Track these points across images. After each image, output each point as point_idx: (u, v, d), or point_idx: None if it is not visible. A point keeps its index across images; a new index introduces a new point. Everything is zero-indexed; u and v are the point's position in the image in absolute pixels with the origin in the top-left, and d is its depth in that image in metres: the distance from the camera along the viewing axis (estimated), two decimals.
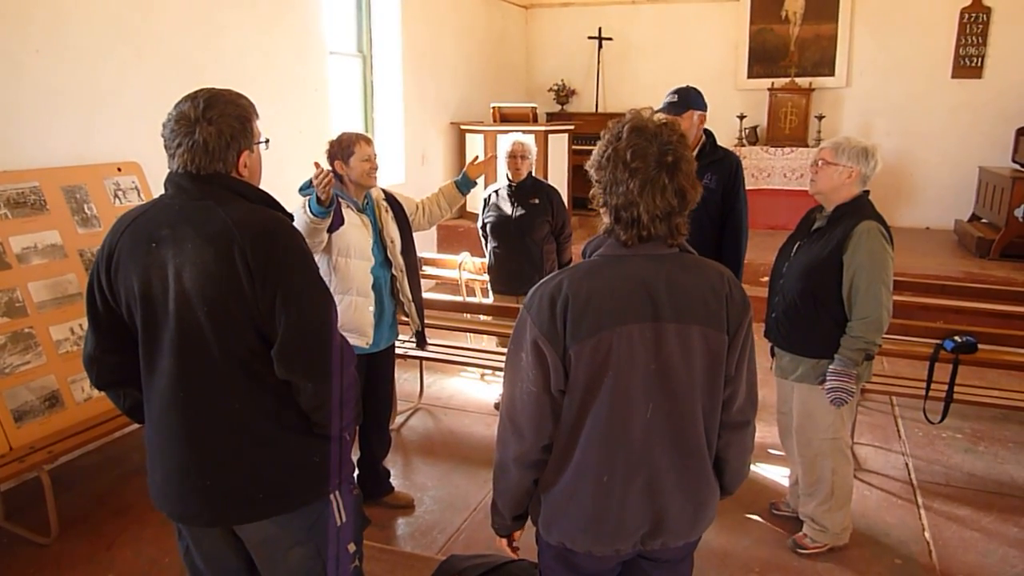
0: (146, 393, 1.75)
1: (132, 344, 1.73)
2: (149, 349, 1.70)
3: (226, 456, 1.70)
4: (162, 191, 1.77)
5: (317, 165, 2.76)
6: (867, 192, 2.85)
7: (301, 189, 3.05)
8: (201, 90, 1.70)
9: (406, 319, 3.37)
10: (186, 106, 1.67)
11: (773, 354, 3.10)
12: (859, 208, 2.80)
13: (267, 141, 1.82)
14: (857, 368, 2.77)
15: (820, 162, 2.83)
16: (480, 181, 3.80)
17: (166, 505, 1.78)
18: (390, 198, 3.31)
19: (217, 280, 1.61)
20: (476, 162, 3.61)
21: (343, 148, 3.07)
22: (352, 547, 1.91)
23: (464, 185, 3.59)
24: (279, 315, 1.63)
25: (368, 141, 3.11)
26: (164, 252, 1.64)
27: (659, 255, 1.57)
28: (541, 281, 1.60)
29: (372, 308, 3.14)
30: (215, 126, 1.66)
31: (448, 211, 3.65)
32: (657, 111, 1.62)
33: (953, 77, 7.98)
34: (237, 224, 1.62)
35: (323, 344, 1.69)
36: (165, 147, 1.70)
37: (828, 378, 2.79)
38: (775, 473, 3.72)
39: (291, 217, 1.79)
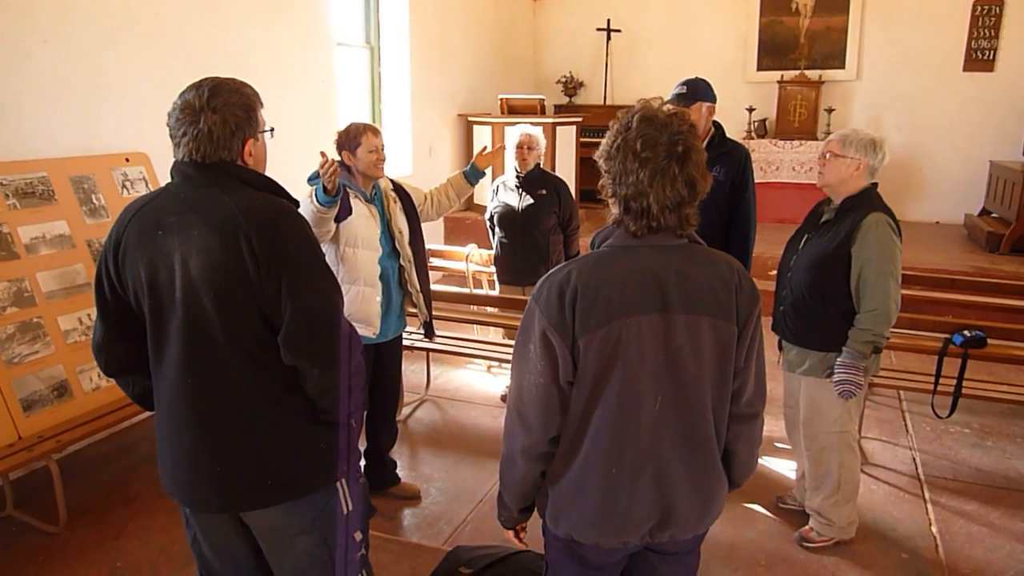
0: (155, 380, 1.76)
1: (140, 332, 1.74)
2: (157, 337, 1.71)
3: (234, 442, 1.71)
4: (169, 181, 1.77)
5: (323, 155, 2.76)
6: (875, 184, 2.84)
7: (309, 179, 3.04)
8: (205, 79, 1.71)
9: (414, 310, 3.37)
10: (190, 95, 1.68)
11: (781, 348, 3.09)
12: (867, 200, 2.78)
13: (272, 130, 1.82)
14: (865, 361, 2.76)
15: (828, 154, 2.83)
16: (488, 171, 3.79)
17: (176, 491, 1.80)
18: (398, 188, 3.30)
19: (223, 267, 1.61)
20: (484, 152, 3.59)
21: (350, 139, 3.07)
22: (359, 535, 1.92)
23: (473, 175, 3.58)
24: (285, 301, 1.63)
25: (375, 132, 3.11)
26: (170, 240, 1.64)
27: (669, 246, 1.56)
28: (549, 272, 1.60)
29: (379, 298, 3.14)
30: (219, 115, 1.66)
31: (456, 201, 3.64)
32: (666, 102, 1.60)
33: (965, 70, 7.92)
34: (243, 211, 1.62)
35: (329, 330, 1.69)
36: (171, 136, 1.70)
37: (836, 371, 2.79)
38: (782, 466, 3.72)
39: (297, 204, 1.79)
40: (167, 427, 1.77)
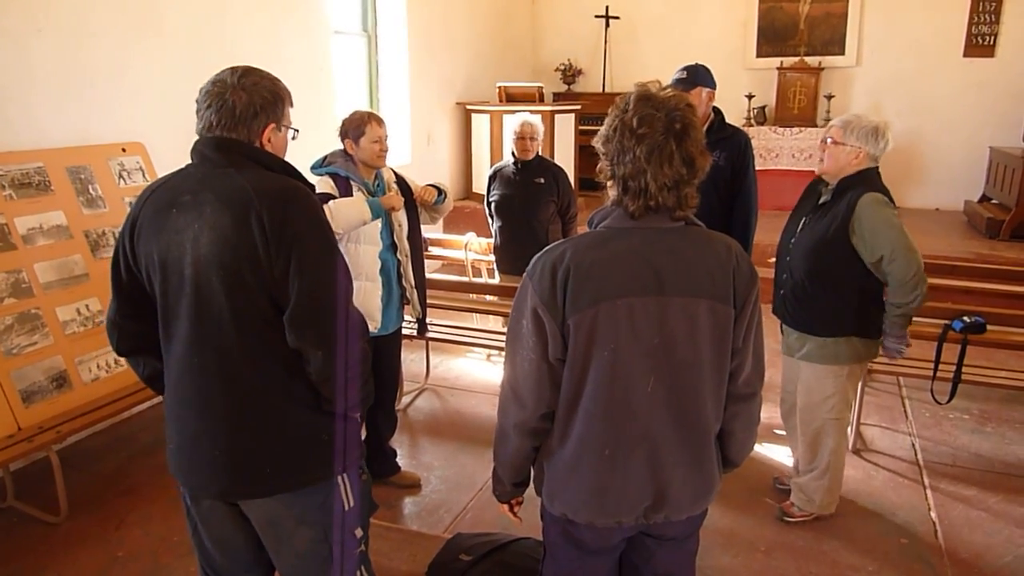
0: (165, 360, 1.77)
1: (152, 312, 1.75)
2: (167, 315, 1.71)
3: (236, 427, 1.71)
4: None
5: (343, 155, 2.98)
6: (875, 167, 2.83)
7: (312, 168, 3.04)
8: (243, 65, 1.75)
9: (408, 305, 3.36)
10: (225, 73, 1.71)
11: (783, 331, 3.09)
12: (862, 180, 2.77)
13: (296, 131, 1.83)
14: (905, 329, 2.85)
15: (828, 140, 2.81)
16: (487, 158, 3.75)
17: (180, 475, 1.80)
18: (400, 180, 3.28)
19: (234, 245, 1.61)
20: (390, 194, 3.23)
21: (354, 127, 3.05)
22: (359, 532, 1.91)
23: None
24: (292, 280, 1.63)
25: (380, 122, 3.08)
26: (184, 218, 1.65)
27: (665, 228, 1.56)
28: (545, 248, 1.60)
29: (380, 292, 3.14)
30: (247, 93, 1.68)
31: (429, 220, 3.47)
32: (665, 87, 1.59)
33: (965, 56, 7.88)
34: (256, 190, 1.62)
35: (336, 312, 1.69)
36: (196, 112, 1.72)
37: (886, 345, 2.88)
38: (780, 453, 3.72)
39: (312, 188, 1.79)
40: (174, 409, 1.77)
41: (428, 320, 3.56)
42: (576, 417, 1.60)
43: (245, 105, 1.68)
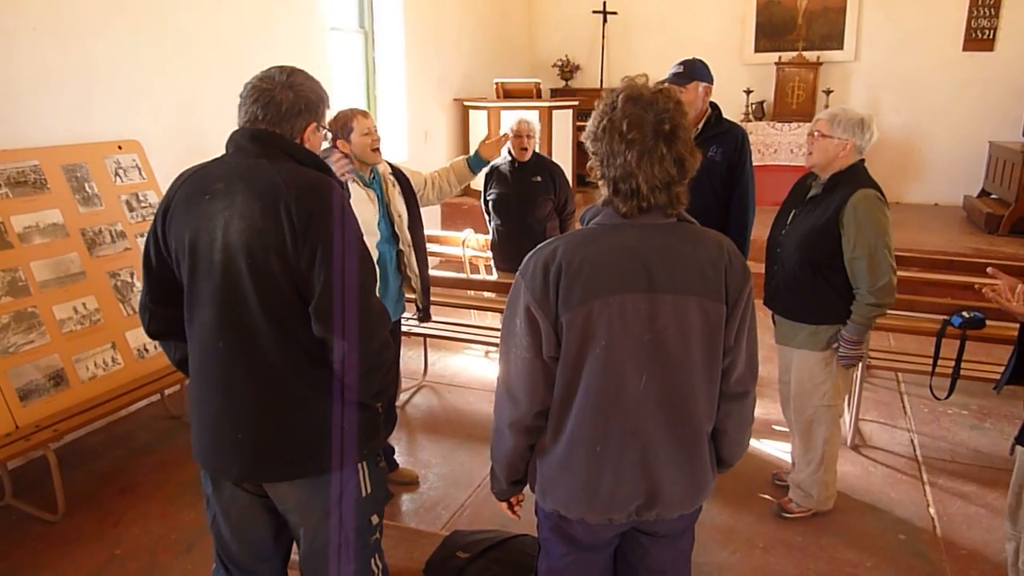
0: (188, 344, 1.80)
1: (181, 298, 1.79)
2: (192, 299, 1.74)
3: (259, 410, 1.73)
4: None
5: (336, 150, 2.85)
6: (862, 160, 2.85)
7: None
8: (288, 65, 1.81)
9: (412, 296, 3.36)
10: (273, 70, 1.78)
11: (774, 321, 3.10)
12: (854, 176, 2.79)
13: (327, 131, 1.87)
14: (867, 333, 2.84)
15: (816, 133, 2.83)
16: None
17: (200, 456, 1.83)
18: (397, 172, 3.27)
19: (262, 234, 1.64)
20: (488, 141, 3.54)
21: (342, 126, 3.04)
22: (375, 519, 1.95)
23: (476, 164, 3.53)
24: (318, 271, 1.66)
25: (365, 115, 3.07)
26: (216, 205, 1.68)
27: (657, 225, 1.56)
28: (538, 247, 1.60)
29: (377, 284, 3.13)
30: (294, 92, 1.75)
31: (457, 188, 3.59)
32: (662, 82, 1.58)
33: (964, 50, 7.86)
34: (286, 181, 1.66)
35: (359, 303, 1.71)
36: (239, 105, 1.77)
37: (842, 346, 2.85)
38: (778, 449, 3.72)
39: (342, 184, 1.80)
40: (196, 392, 1.80)
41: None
42: (569, 414, 1.60)
43: (292, 103, 1.74)
